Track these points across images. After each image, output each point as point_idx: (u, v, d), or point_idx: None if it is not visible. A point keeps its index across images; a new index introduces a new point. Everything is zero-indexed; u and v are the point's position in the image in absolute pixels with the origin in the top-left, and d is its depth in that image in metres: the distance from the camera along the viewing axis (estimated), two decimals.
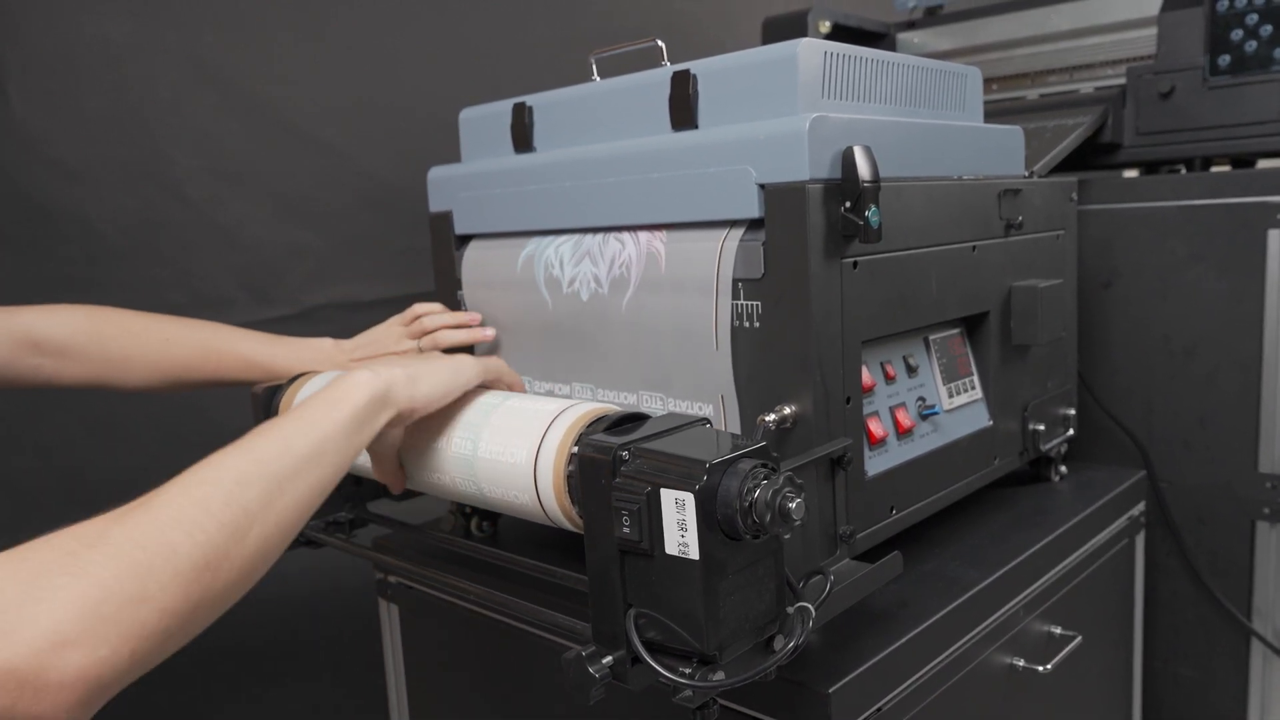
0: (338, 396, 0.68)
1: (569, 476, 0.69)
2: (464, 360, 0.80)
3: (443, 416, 0.79)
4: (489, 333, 1.01)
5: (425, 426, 0.79)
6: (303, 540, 0.95)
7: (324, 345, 1.01)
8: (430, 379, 0.75)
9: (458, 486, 0.78)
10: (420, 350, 1.00)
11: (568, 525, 0.71)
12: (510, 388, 0.86)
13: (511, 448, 0.72)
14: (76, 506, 1.42)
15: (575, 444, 0.69)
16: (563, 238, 0.93)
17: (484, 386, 0.83)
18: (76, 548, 0.49)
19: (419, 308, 1.05)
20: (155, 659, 0.50)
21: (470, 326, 1.02)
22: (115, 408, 1.34)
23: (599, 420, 0.70)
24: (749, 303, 0.77)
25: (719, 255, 0.78)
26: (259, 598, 1.52)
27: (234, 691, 1.44)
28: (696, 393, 0.82)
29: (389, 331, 1.03)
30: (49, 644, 0.44)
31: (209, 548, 0.53)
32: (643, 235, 0.85)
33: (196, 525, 0.53)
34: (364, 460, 0.83)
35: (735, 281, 0.77)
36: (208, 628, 0.56)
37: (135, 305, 1.00)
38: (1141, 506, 1.16)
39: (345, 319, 1.50)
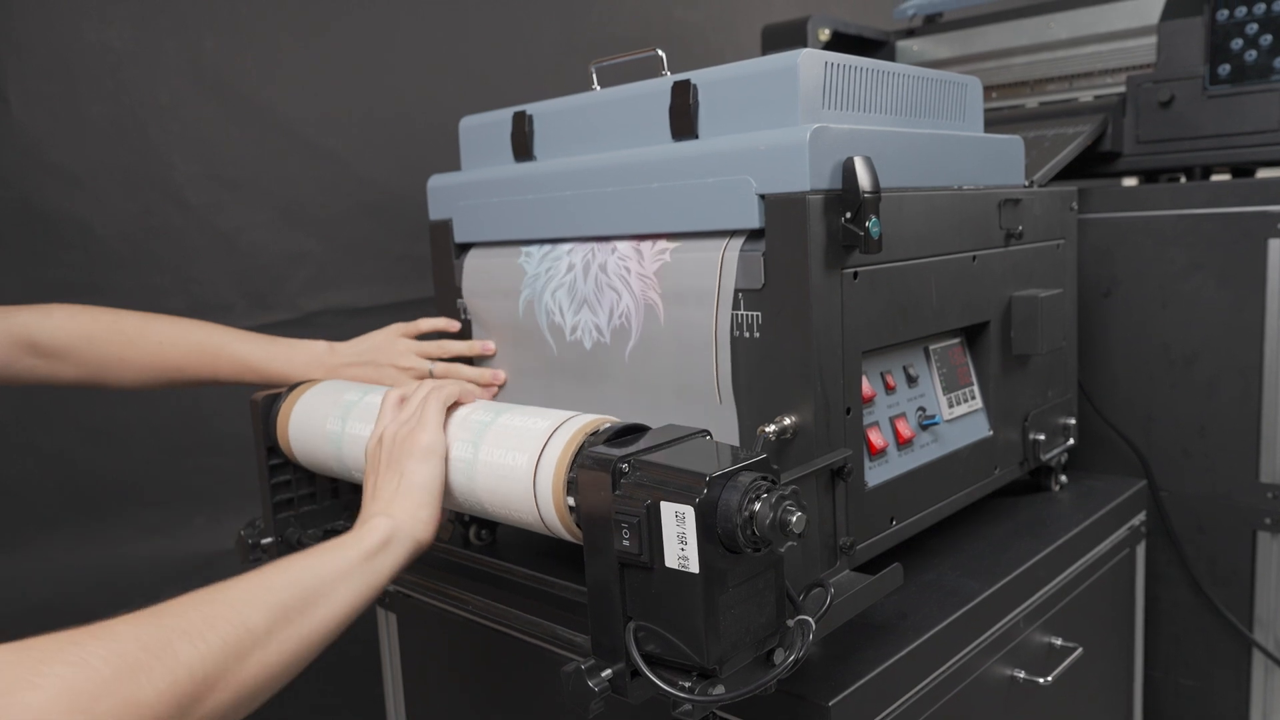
0: (349, 540, 0.69)
1: (569, 488, 0.68)
2: (433, 442, 0.76)
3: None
4: (501, 375, 1.01)
5: None
6: (302, 549, 0.95)
7: (317, 348, 1.01)
8: (428, 496, 0.74)
9: (457, 497, 0.78)
10: (432, 374, 1.00)
11: (567, 536, 0.71)
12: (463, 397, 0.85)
13: (511, 460, 0.72)
14: (75, 510, 1.42)
15: (575, 456, 0.69)
16: (556, 281, 0.93)
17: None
18: (81, 637, 0.49)
19: (426, 323, 1.05)
20: None
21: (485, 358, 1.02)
22: (114, 413, 1.34)
23: (599, 432, 0.70)
24: (749, 313, 0.77)
25: (715, 310, 0.78)
26: None
27: None
28: None
29: (391, 341, 1.02)
30: None
31: (209, 662, 0.53)
32: (637, 285, 0.85)
33: (200, 637, 0.54)
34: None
35: (735, 292, 0.77)
36: None
37: (134, 309, 1.00)
38: (1142, 516, 1.16)
39: (344, 324, 1.50)
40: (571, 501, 0.68)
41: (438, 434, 0.77)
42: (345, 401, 0.89)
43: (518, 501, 0.72)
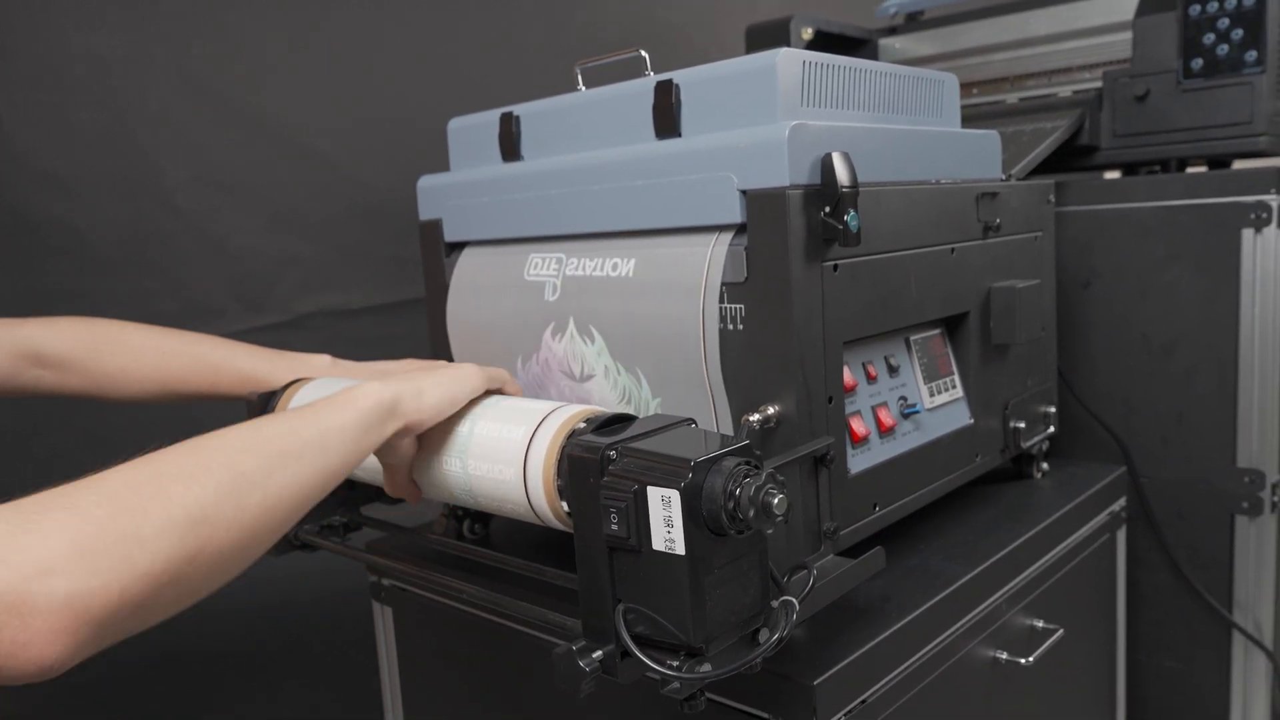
0: (344, 400, 0.70)
1: (558, 476, 0.70)
2: (468, 371, 0.80)
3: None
4: None
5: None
6: (297, 544, 0.97)
7: (321, 362, 1.02)
8: (436, 391, 0.76)
9: (449, 488, 0.80)
10: None
11: (557, 524, 0.73)
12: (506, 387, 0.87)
13: (501, 449, 0.74)
14: None
15: (564, 444, 0.70)
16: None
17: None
18: (71, 489, 0.50)
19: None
20: (147, 609, 0.51)
21: None
22: (112, 421, 1.35)
23: (587, 421, 0.71)
24: (732, 305, 0.78)
25: (702, 306, 0.80)
26: (254, 602, 1.53)
27: (229, 696, 1.45)
28: None
29: (402, 367, 1.03)
30: (36, 570, 0.45)
31: (206, 502, 0.54)
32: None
33: (194, 479, 0.55)
34: (375, 470, 0.85)
35: (719, 285, 0.79)
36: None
37: (127, 315, 1.01)
38: (1122, 502, 1.18)
39: (336, 326, 1.51)
40: (561, 489, 0.70)
41: (480, 375, 0.79)
42: None
43: (508, 490, 0.74)
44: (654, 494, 0.59)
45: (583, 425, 0.71)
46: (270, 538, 0.60)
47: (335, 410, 0.68)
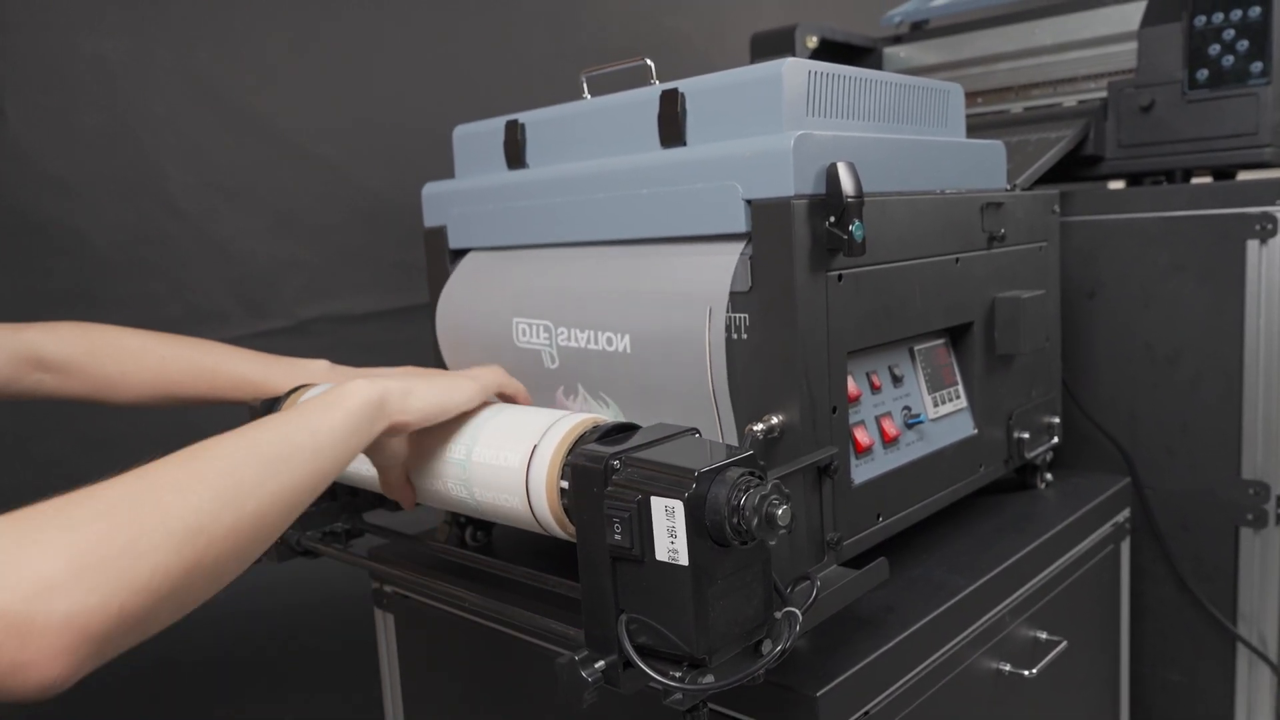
0: (333, 400, 0.70)
1: (561, 485, 0.70)
2: (460, 383, 0.80)
3: (440, 428, 0.80)
4: None
5: (422, 437, 0.80)
6: (300, 550, 0.96)
7: (319, 367, 1.02)
8: (424, 395, 0.76)
9: (452, 496, 0.80)
10: None
11: (560, 533, 0.73)
12: (514, 397, 0.88)
13: (504, 457, 0.74)
14: None
15: (568, 453, 0.70)
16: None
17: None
18: (67, 505, 0.50)
19: None
20: (146, 623, 0.51)
21: None
22: (110, 424, 1.35)
23: (591, 430, 0.71)
24: (737, 315, 0.78)
25: (708, 316, 0.79)
26: (256, 608, 1.53)
27: (231, 702, 1.45)
28: None
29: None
30: (36, 589, 0.46)
31: (202, 512, 0.55)
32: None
33: (189, 489, 0.55)
34: (372, 474, 0.84)
35: (725, 296, 0.79)
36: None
37: (130, 319, 1.01)
38: (1126, 513, 1.18)
39: (339, 332, 1.51)
40: (564, 499, 0.70)
41: (473, 387, 0.78)
42: None
43: (511, 500, 0.73)
44: (658, 504, 0.59)
45: (587, 434, 0.71)
46: (264, 544, 0.61)
47: (325, 412, 0.69)
